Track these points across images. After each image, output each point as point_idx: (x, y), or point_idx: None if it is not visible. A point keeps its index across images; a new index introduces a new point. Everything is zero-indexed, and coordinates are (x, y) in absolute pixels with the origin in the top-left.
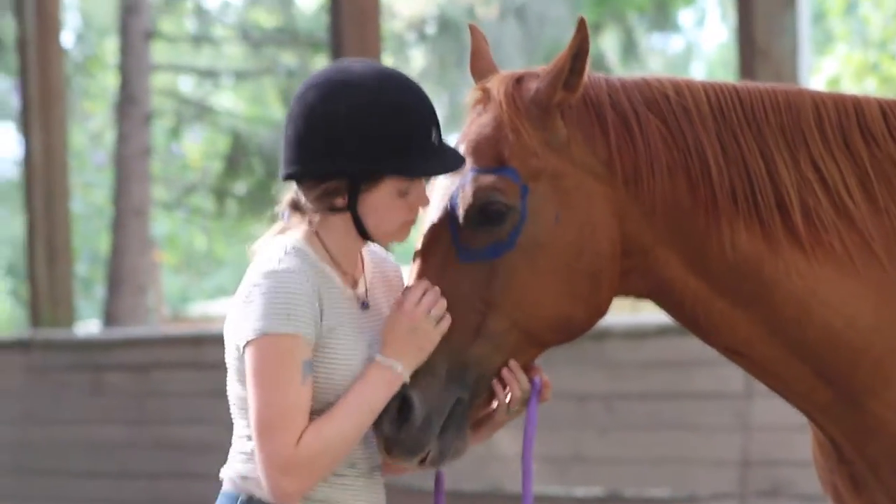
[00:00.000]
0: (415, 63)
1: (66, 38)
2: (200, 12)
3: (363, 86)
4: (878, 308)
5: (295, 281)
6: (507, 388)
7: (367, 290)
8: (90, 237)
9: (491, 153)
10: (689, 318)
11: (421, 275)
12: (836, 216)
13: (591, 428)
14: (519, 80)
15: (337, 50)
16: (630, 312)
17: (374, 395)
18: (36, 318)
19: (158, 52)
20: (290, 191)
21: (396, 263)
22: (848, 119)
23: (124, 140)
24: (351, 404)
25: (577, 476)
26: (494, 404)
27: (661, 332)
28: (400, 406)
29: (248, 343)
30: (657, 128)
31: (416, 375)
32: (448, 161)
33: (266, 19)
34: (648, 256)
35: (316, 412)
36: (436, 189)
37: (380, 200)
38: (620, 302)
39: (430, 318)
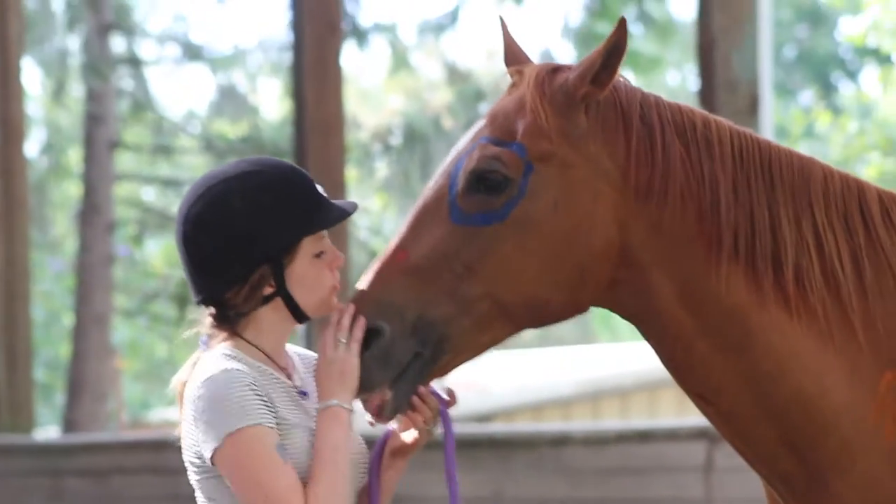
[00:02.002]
0: (379, 174)
1: (31, 148)
2: (165, 123)
3: (242, 176)
4: (851, 385)
5: (236, 377)
6: (417, 410)
7: (301, 379)
8: (49, 343)
9: (505, 127)
10: (667, 352)
11: (411, 226)
12: (824, 284)
13: None
14: (555, 70)
15: (301, 160)
16: (589, 419)
17: (331, 436)
18: None
19: (122, 161)
20: (204, 314)
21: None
22: (850, 196)
23: (87, 248)
24: (321, 457)
25: None
26: (409, 435)
27: (620, 438)
28: (368, 333)
29: (214, 453)
30: (679, 151)
31: (386, 314)
32: (345, 207)
33: (230, 130)
34: (643, 276)
35: None
36: (447, 157)
37: (302, 269)
38: (581, 407)
39: (339, 345)
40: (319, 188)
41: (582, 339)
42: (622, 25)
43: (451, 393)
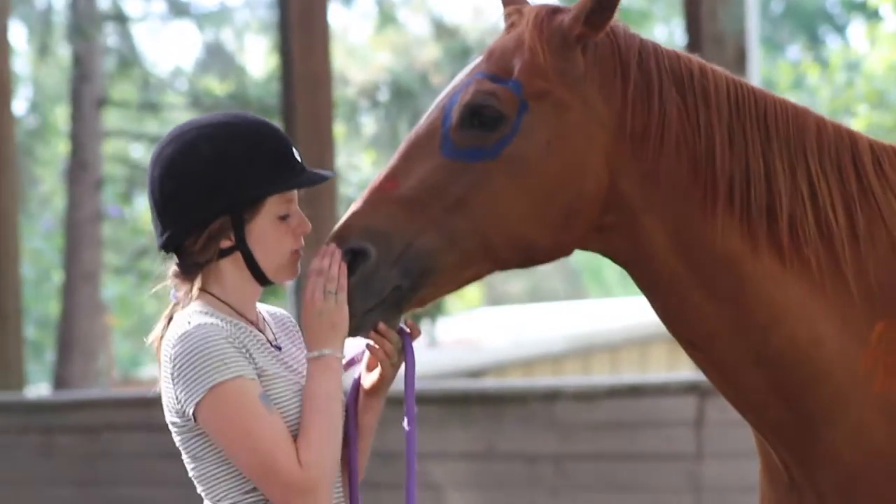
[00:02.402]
0: (366, 130)
1: (18, 106)
2: (152, 80)
3: (216, 125)
4: (841, 334)
5: (212, 331)
6: (379, 345)
7: (273, 335)
8: (39, 301)
9: (502, 64)
10: (659, 299)
11: (403, 156)
12: (818, 234)
13: (542, 489)
14: (554, 11)
15: (289, 116)
16: (580, 374)
17: (322, 387)
18: None
19: (109, 118)
20: (170, 264)
21: (288, 314)
22: (843, 146)
23: (75, 206)
24: (313, 406)
25: None
26: (376, 373)
27: (611, 393)
28: (353, 254)
29: (197, 408)
30: (675, 99)
31: (374, 239)
32: (317, 175)
33: (217, 86)
34: (635, 221)
35: None
36: (443, 91)
37: (264, 228)
38: (572, 362)
39: (329, 296)
40: (296, 153)
41: (572, 295)
42: None
43: (412, 325)
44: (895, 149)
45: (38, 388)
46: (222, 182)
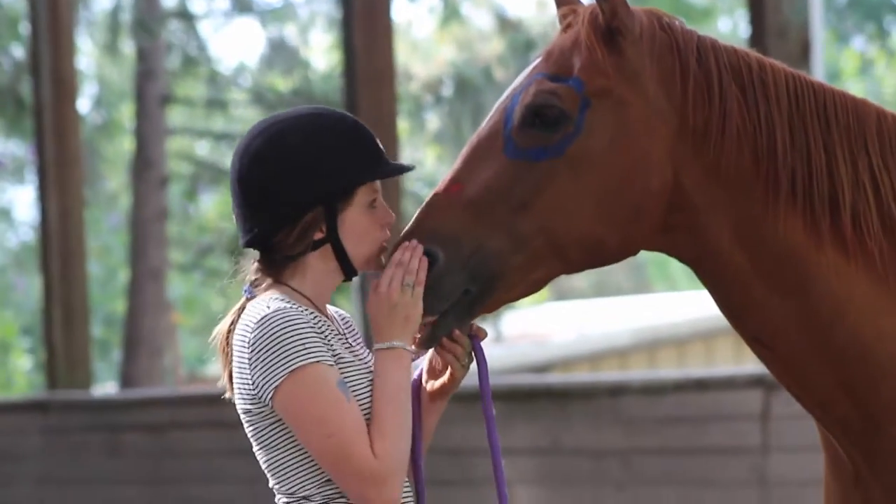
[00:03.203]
0: (431, 126)
1: (83, 104)
2: (216, 77)
3: (301, 117)
4: None
5: (293, 315)
6: (448, 349)
7: (341, 333)
8: (106, 299)
9: (562, 63)
10: (724, 296)
11: (466, 159)
12: (881, 226)
13: (608, 484)
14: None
15: (352, 112)
16: (646, 368)
17: (394, 378)
18: (53, 380)
19: (174, 116)
20: (250, 261)
21: (350, 316)
22: None
23: (140, 203)
24: (385, 396)
25: None
26: (445, 376)
27: (677, 387)
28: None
29: (276, 390)
30: (735, 93)
31: (443, 243)
32: (403, 165)
33: (281, 83)
34: (698, 218)
35: None
36: (503, 94)
37: (355, 218)
38: (638, 356)
39: (405, 289)
40: (379, 143)
41: (638, 289)
42: None
43: (477, 328)
44: None
45: (105, 387)
46: (315, 172)
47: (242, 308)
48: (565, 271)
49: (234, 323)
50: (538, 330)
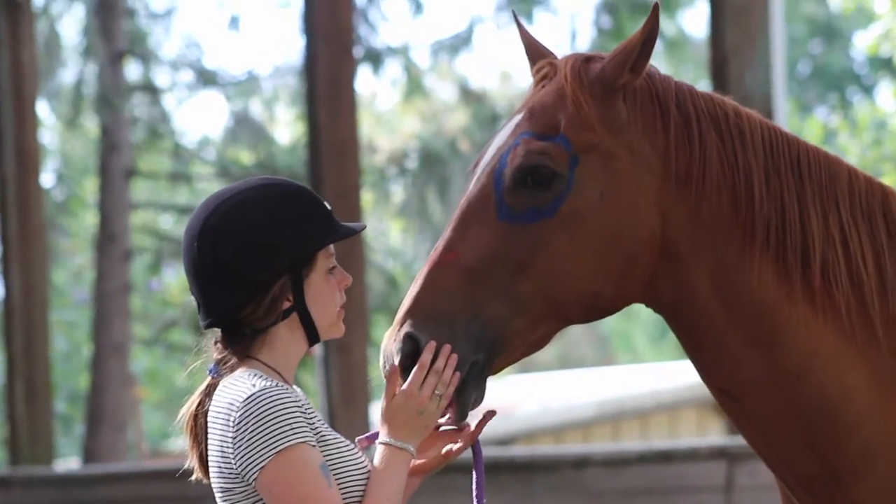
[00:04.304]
0: (395, 198)
1: (46, 179)
2: (180, 150)
3: (256, 188)
4: (870, 388)
5: (279, 394)
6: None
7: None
8: (70, 374)
9: (547, 121)
10: (696, 345)
11: (458, 225)
12: (849, 281)
13: None
14: (588, 60)
15: (316, 184)
16: (610, 440)
17: (398, 478)
18: (15, 456)
19: (138, 189)
20: (213, 339)
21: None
22: (874, 198)
23: (104, 277)
24: (383, 494)
25: None
26: (434, 453)
27: (641, 459)
28: (406, 350)
29: (262, 471)
30: (714, 139)
31: (432, 323)
32: (356, 225)
33: (245, 156)
34: (681, 266)
35: None
36: (488, 150)
37: (319, 283)
38: (601, 428)
39: (434, 398)
40: (327, 205)
41: (601, 361)
42: (655, 12)
43: (489, 412)
44: None
45: (68, 462)
46: (279, 241)
47: (211, 387)
48: (564, 326)
49: (201, 403)
50: (502, 402)
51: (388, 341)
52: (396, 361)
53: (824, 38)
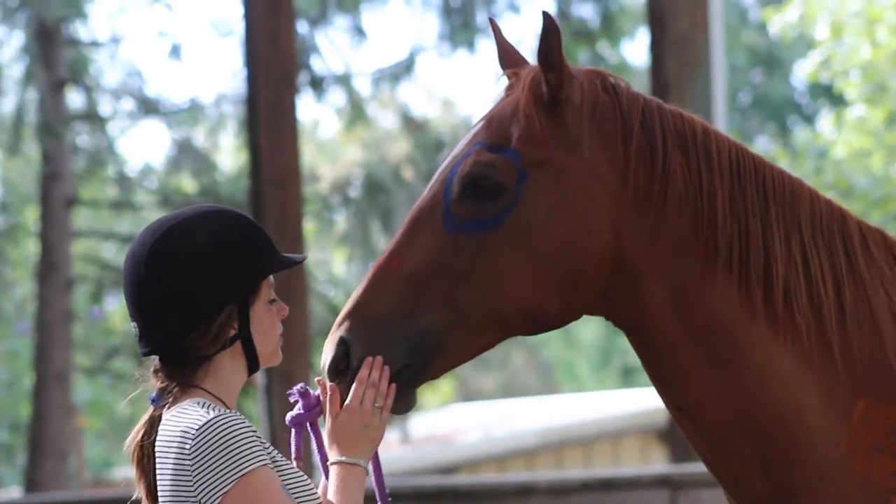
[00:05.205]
0: (338, 227)
1: None
2: (122, 178)
3: (203, 215)
4: (826, 408)
5: (234, 421)
6: None
7: None
8: (12, 403)
9: (500, 132)
10: (652, 360)
11: (406, 231)
12: (809, 302)
13: None
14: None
15: (257, 212)
16: (553, 468)
17: (358, 495)
18: None
19: (80, 218)
20: (152, 368)
21: None
22: (833, 221)
23: (45, 306)
24: None
25: None
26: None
27: (584, 487)
28: (339, 354)
29: (225, 496)
30: (679, 159)
31: (367, 328)
32: (296, 255)
33: (188, 184)
34: (637, 282)
35: None
36: (445, 161)
37: (262, 312)
38: (544, 456)
39: (376, 410)
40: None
41: (545, 390)
42: (545, 15)
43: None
44: (881, 231)
45: (10, 492)
46: (227, 268)
47: (155, 418)
48: (507, 337)
49: (146, 434)
50: (444, 431)
51: (327, 343)
52: (327, 363)
53: (765, 68)
